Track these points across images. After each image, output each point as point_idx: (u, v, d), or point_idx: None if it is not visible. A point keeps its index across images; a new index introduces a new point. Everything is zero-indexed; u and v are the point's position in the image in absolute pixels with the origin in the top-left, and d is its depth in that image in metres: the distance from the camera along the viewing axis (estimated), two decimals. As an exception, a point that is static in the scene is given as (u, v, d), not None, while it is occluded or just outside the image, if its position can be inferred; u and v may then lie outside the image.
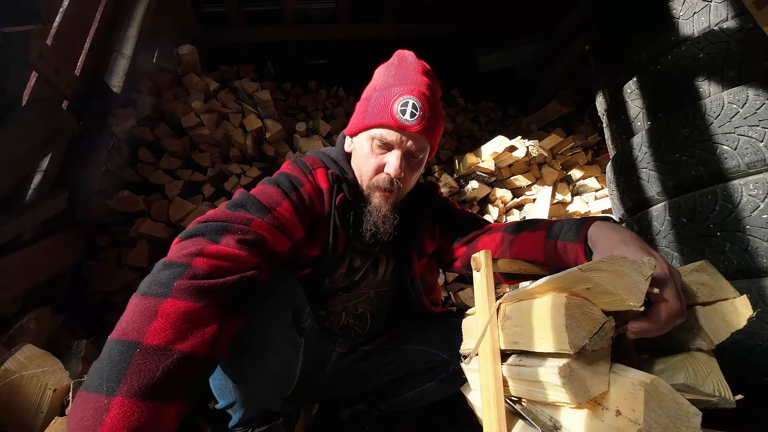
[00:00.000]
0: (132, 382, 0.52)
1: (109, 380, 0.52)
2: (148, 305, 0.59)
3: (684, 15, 1.35)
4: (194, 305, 0.59)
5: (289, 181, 0.89)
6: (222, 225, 0.71)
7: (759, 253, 1.08)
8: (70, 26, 1.71)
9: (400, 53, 0.97)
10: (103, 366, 0.54)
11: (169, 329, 0.56)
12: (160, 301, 0.59)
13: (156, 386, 0.53)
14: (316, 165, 0.95)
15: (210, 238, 0.69)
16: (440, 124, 0.94)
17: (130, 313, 0.59)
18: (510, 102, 3.52)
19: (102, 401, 0.51)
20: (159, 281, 0.61)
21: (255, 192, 0.84)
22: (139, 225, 1.82)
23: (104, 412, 0.50)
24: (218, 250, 0.66)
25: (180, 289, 0.60)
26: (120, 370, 0.53)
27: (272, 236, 0.77)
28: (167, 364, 0.54)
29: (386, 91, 0.90)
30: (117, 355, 0.54)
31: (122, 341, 0.55)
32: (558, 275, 0.56)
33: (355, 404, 1.20)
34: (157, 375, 0.53)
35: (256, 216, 0.77)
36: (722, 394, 0.52)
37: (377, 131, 0.89)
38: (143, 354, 0.54)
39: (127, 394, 0.51)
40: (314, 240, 0.93)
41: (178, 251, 0.66)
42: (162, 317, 0.57)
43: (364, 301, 1.06)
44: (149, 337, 0.55)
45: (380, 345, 1.10)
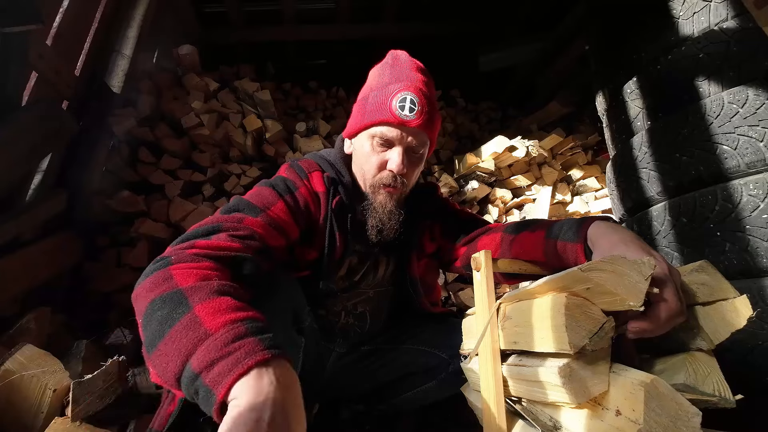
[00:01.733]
0: (198, 294, 0.54)
1: (175, 310, 0.52)
2: (159, 274, 0.59)
3: (684, 15, 1.35)
4: (201, 263, 0.61)
5: (284, 183, 0.89)
6: (213, 227, 0.72)
7: (759, 253, 1.08)
8: (70, 26, 1.71)
9: (393, 53, 0.98)
10: (159, 315, 0.53)
11: (192, 272, 0.58)
12: (168, 267, 0.60)
13: (219, 290, 0.55)
14: (312, 168, 0.96)
15: (201, 238, 0.69)
16: (438, 119, 0.95)
17: (144, 290, 0.59)
18: (510, 102, 3.52)
19: (186, 320, 0.51)
20: (155, 266, 0.62)
21: (249, 195, 0.85)
22: (139, 225, 1.82)
23: (195, 320, 0.50)
24: (208, 243, 0.67)
25: (180, 257, 0.62)
26: (180, 300, 0.53)
27: (265, 232, 0.77)
28: (214, 282, 0.57)
29: (383, 89, 0.90)
30: (164, 301, 0.54)
31: (160, 295, 0.55)
32: (558, 275, 0.56)
33: (355, 405, 1.20)
34: (214, 286, 0.55)
35: (247, 215, 0.78)
36: (722, 394, 0.52)
37: (377, 129, 0.89)
38: (188, 287, 0.55)
39: (201, 300, 0.53)
40: (311, 244, 0.93)
41: (166, 252, 0.68)
42: (179, 270, 0.59)
43: (363, 301, 1.06)
44: (181, 282, 0.56)
45: (380, 345, 1.10)
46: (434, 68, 0.98)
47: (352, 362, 1.10)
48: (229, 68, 2.78)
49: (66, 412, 0.86)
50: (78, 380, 0.85)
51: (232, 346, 0.47)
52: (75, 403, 0.84)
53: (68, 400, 0.85)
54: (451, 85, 3.31)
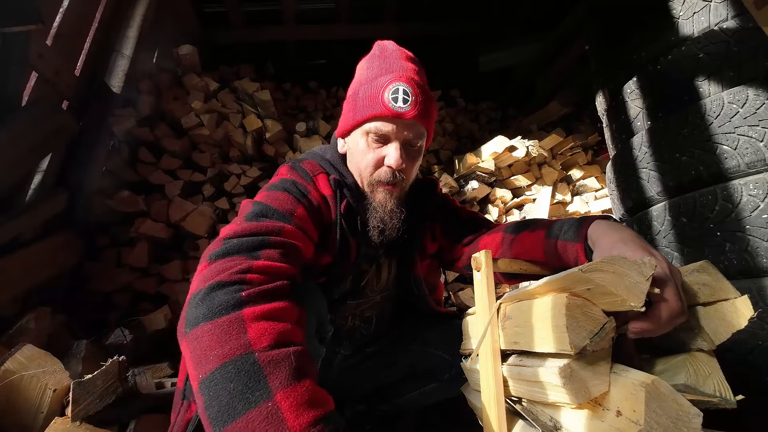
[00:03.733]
0: (278, 377, 0.50)
1: (253, 390, 0.49)
2: (227, 322, 0.54)
3: (684, 15, 1.35)
4: (272, 305, 0.58)
5: (296, 187, 0.85)
6: (257, 240, 0.67)
7: (759, 253, 1.08)
8: (70, 26, 1.71)
9: (380, 44, 0.94)
10: (230, 391, 0.49)
11: (267, 330, 0.54)
12: (239, 314, 0.55)
13: (297, 369, 0.52)
14: (317, 171, 0.92)
15: (250, 255, 0.64)
16: (434, 108, 0.91)
17: (209, 340, 0.54)
18: (510, 102, 3.52)
19: (265, 408, 0.48)
20: (221, 301, 0.56)
21: (267, 200, 0.80)
22: (139, 225, 1.82)
23: (277, 413, 0.48)
24: (265, 265, 0.63)
25: (251, 296, 0.57)
26: (257, 377, 0.50)
27: (302, 242, 0.75)
28: (291, 352, 0.53)
29: (373, 82, 0.87)
30: (240, 371, 0.50)
31: (231, 360, 0.51)
32: (558, 276, 0.56)
33: (356, 405, 1.20)
34: (293, 363, 0.52)
35: (284, 223, 0.74)
36: (723, 395, 0.52)
37: (371, 124, 0.86)
38: (264, 356, 0.51)
39: (282, 386, 0.50)
40: (325, 248, 0.90)
41: (220, 272, 0.60)
42: (252, 323, 0.54)
43: (371, 306, 1.05)
44: (256, 342, 0.52)
45: (383, 346, 1.10)
46: (434, 68, 0.97)
47: (355, 363, 1.10)
48: (229, 68, 2.78)
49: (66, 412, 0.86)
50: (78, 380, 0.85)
51: None
52: (75, 403, 0.84)
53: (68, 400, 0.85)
54: (451, 85, 3.32)
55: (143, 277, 1.83)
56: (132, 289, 1.80)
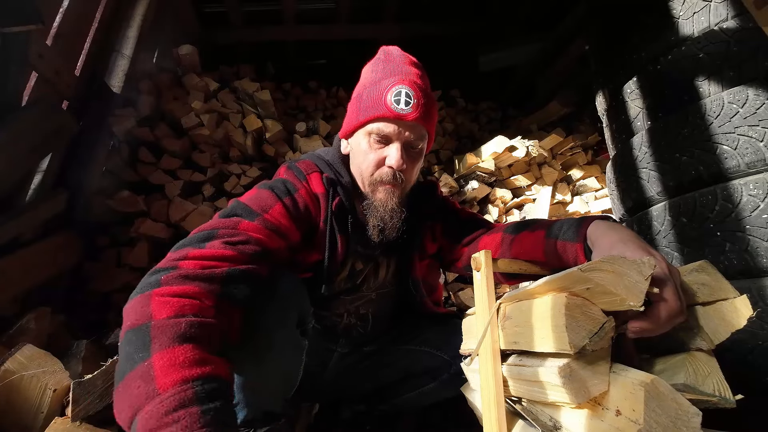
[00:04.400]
0: (161, 340, 0.53)
1: (138, 352, 0.53)
2: (142, 298, 0.60)
3: (684, 15, 1.35)
4: (185, 288, 0.61)
5: (283, 185, 0.88)
6: (208, 233, 0.72)
7: (759, 253, 1.08)
8: (70, 26, 1.71)
9: (385, 49, 0.96)
10: (126, 351, 0.54)
11: (168, 303, 0.58)
12: (152, 292, 0.60)
13: (183, 335, 0.54)
14: (311, 170, 0.94)
15: (195, 246, 0.69)
16: (435, 112, 0.93)
17: (128, 312, 0.60)
18: (510, 102, 3.52)
19: (143, 367, 0.51)
20: (147, 282, 0.62)
21: (246, 198, 0.84)
22: (139, 225, 1.82)
23: (150, 371, 0.51)
24: (202, 253, 0.67)
25: (168, 279, 0.61)
26: (144, 342, 0.53)
27: (263, 235, 0.76)
28: (183, 321, 0.56)
29: (377, 84, 0.88)
30: (134, 336, 0.55)
31: (133, 328, 0.56)
32: (558, 275, 0.56)
33: (356, 405, 1.20)
34: (181, 329, 0.55)
35: (244, 219, 0.77)
36: (722, 394, 0.52)
37: (374, 125, 0.88)
38: (157, 324, 0.55)
39: (161, 347, 0.53)
40: (313, 246, 0.91)
41: (164, 260, 0.67)
42: (158, 298, 0.58)
43: (366, 303, 1.06)
44: (156, 314, 0.56)
45: (382, 345, 1.10)
46: (434, 68, 0.97)
47: (354, 363, 1.10)
48: (229, 68, 2.78)
49: (66, 412, 0.86)
50: (78, 380, 0.85)
51: (172, 416, 0.48)
52: (75, 403, 0.84)
53: (68, 400, 0.85)
54: (451, 85, 3.31)
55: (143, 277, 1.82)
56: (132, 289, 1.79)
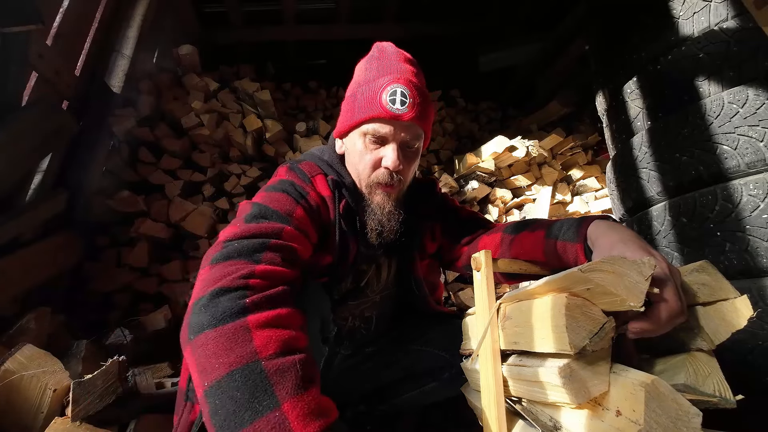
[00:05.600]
0: (285, 386, 0.50)
1: (261, 399, 0.49)
2: (232, 330, 0.54)
3: (684, 15, 1.35)
4: (276, 311, 0.58)
5: (294, 188, 0.86)
6: (258, 242, 0.67)
7: (759, 253, 1.08)
8: (70, 26, 1.71)
9: (379, 45, 0.94)
10: (236, 399, 0.49)
11: (273, 337, 0.54)
12: (244, 321, 0.55)
13: (302, 378, 0.52)
14: (315, 172, 0.92)
15: (251, 259, 0.64)
16: (431, 110, 0.91)
17: (214, 349, 0.53)
18: (510, 102, 3.52)
19: (273, 418, 0.48)
20: (225, 308, 0.56)
21: (266, 201, 0.80)
22: (139, 225, 1.82)
23: (284, 422, 0.48)
24: (266, 269, 0.63)
25: (254, 303, 0.57)
26: (264, 387, 0.50)
27: (300, 244, 0.75)
28: (297, 360, 0.53)
29: (372, 83, 0.87)
30: (246, 380, 0.50)
31: (238, 368, 0.51)
32: (558, 276, 0.56)
33: (356, 405, 1.20)
34: (299, 372, 0.52)
35: (284, 224, 0.74)
36: (722, 395, 0.52)
37: (369, 126, 0.86)
38: (270, 364, 0.51)
39: (289, 396, 0.50)
40: (325, 248, 0.90)
41: (222, 277, 0.60)
42: (257, 330, 0.54)
43: (370, 306, 1.05)
44: (262, 351, 0.52)
45: (383, 346, 1.10)
46: (434, 68, 0.97)
47: (356, 364, 1.10)
48: (229, 68, 2.78)
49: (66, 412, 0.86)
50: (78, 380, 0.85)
51: None
52: (75, 403, 0.84)
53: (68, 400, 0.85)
54: (451, 85, 3.31)
55: (143, 277, 1.83)
56: (132, 289, 1.80)
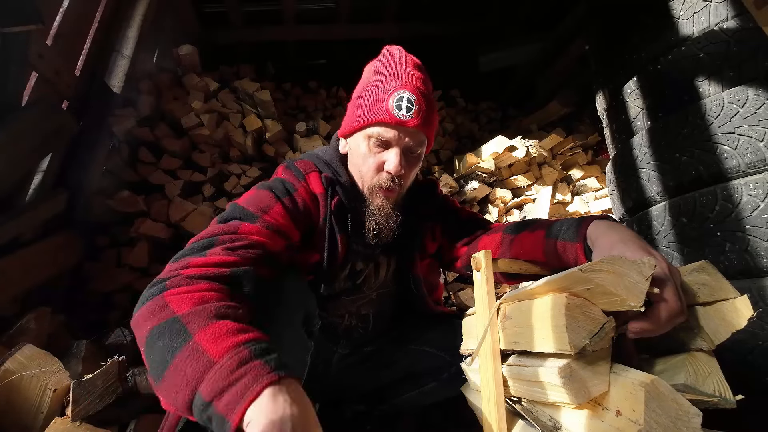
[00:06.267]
0: (196, 322, 0.53)
1: (174, 340, 0.52)
2: (154, 302, 0.58)
3: (684, 15, 1.35)
4: (196, 285, 0.60)
5: (282, 185, 0.88)
6: (207, 240, 0.70)
7: (759, 253, 1.08)
8: (70, 26, 1.71)
9: (388, 49, 0.95)
10: (159, 346, 0.53)
11: (186, 298, 0.57)
12: (162, 294, 0.59)
13: (217, 314, 0.55)
14: (309, 169, 0.93)
15: (196, 254, 0.68)
16: (435, 117, 0.93)
17: (143, 317, 0.58)
18: (510, 102, 3.52)
19: (188, 349, 0.51)
20: (151, 292, 0.61)
21: (245, 200, 0.83)
22: (139, 225, 1.82)
23: (198, 348, 0.51)
24: (204, 260, 0.66)
25: (174, 282, 0.61)
26: (179, 329, 0.53)
27: (264, 237, 0.75)
28: (210, 306, 0.56)
29: (379, 87, 0.88)
30: (164, 330, 0.54)
31: (158, 325, 0.55)
32: (558, 276, 0.56)
33: (356, 405, 1.20)
34: (212, 310, 0.55)
35: (244, 222, 0.76)
36: (722, 395, 0.52)
37: (374, 129, 0.87)
38: (186, 314, 0.55)
39: (200, 327, 0.53)
40: (313, 246, 0.91)
41: (164, 272, 0.65)
42: (173, 296, 0.58)
43: (367, 303, 1.05)
44: (178, 309, 0.56)
45: (382, 346, 1.10)
46: (434, 68, 0.97)
47: (354, 363, 1.10)
48: (229, 68, 2.78)
49: (66, 412, 0.86)
50: (78, 380, 0.85)
51: (238, 372, 0.48)
52: (75, 403, 0.84)
53: (68, 400, 0.85)
54: (451, 85, 3.31)
55: (143, 277, 1.82)
56: (132, 289, 1.80)
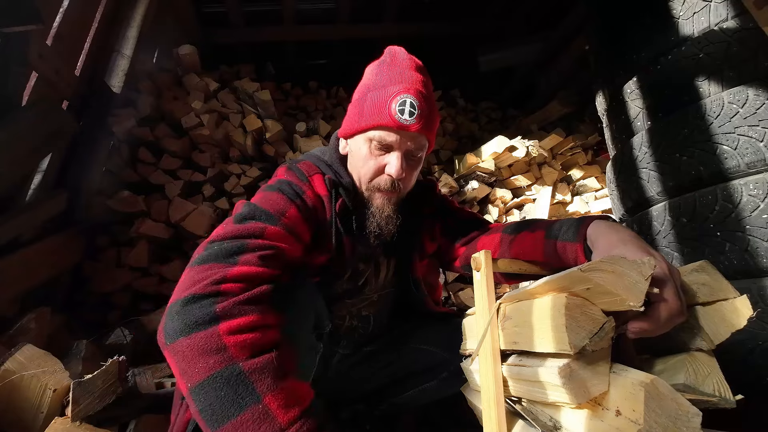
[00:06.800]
0: (264, 381, 0.55)
1: (243, 397, 0.54)
2: (205, 338, 0.57)
3: (684, 15, 1.35)
4: (249, 318, 0.60)
5: (291, 188, 0.87)
6: (236, 244, 0.68)
7: (759, 253, 1.08)
8: (70, 26, 1.71)
9: (391, 50, 0.95)
10: (220, 398, 0.54)
11: (246, 341, 0.57)
12: (215, 329, 0.57)
13: (279, 373, 0.57)
14: (313, 171, 0.93)
15: (228, 261, 0.65)
16: (436, 119, 0.92)
17: (191, 354, 0.57)
18: (510, 102, 3.53)
19: (257, 410, 0.53)
20: (196, 317, 0.58)
21: (259, 201, 0.81)
22: (139, 225, 1.82)
23: (267, 413, 0.53)
24: (241, 272, 0.64)
25: (225, 310, 0.59)
26: (245, 385, 0.55)
27: (287, 243, 0.75)
28: (272, 357, 0.58)
29: (381, 90, 0.87)
30: (227, 382, 0.55)
31: (217, 371, 0.55)
32: (558, 275, 0.56)
33: (355, 404, 1.20)
34: (275, 367, 0.57)
35: (267, 224, 0.75)
36: (722, 394, 0.52)
37: (375, 132, 0.87)
38: (248, 365, 0.56)
39: (269, 390, 0.55)
40: (319, 249, 0.91)
41: (195, 282, 0.62)
42: (228, 337, 0.57)
43: (368, 305, 1.05)
44: (238, 355, 0.56)
45: (382, 345, 1.10)
46: (434, 68, 0.97)
47: (354, 363, 1.10)
48: (229, 68, 2.78)
49: (66, 412, 0.86)
50: (78, 380, 0.85)
51: None
52: (75, 403, 0.84)
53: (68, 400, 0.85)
54: (451, 85, 3.32)
55: (143, 277, 1.83)
56: (132, 289, 1.80)
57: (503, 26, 3.33)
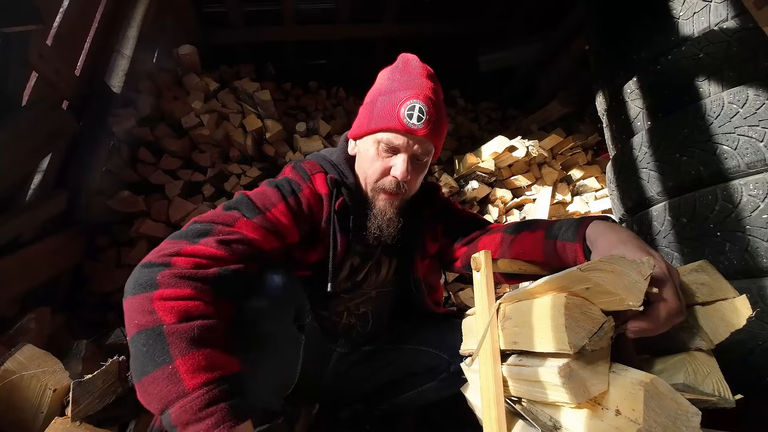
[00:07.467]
0: (179, 345, 0.59)
1: (159, 355, 0.59)
2: (143, 300, 0.63)
3: (684, 15, 1.35)
4: (182, 291, 0.64)
5: (289, 185, 0.90)
6: (205, 227, 0.74)
7: (759, 253, 1.08)
8: (70, 26, 1.71)
9: (404, 57, 0.98)
10: (143, 352, 0.60)
11: (173, 308, 0.62)
12: (152, 295, 0.63)
13: (197, 340, 0.60)
14: (315, 170, 0.96)
15: (190, 240, 0.71)
16: (444, 127, 0.95)
17: (132, 311, 0.63)
18: (510, 102, 3.52)
19: (167, 370, 0.58)
20: (143, 280, 0.65)
21: (252, 193, 0.85)
22: (139, 225, 1.82)
23: (176, 374, 0.57)
24: (195, 250, 0.69)
25: (164, 279, 0.64)
26: (162, 346, 0.59)
27: (258, 235, 0.78)
28: (194, 325, 0.61)
29: (392, 95, 0.90)
30: (149, 339, 0.60)
31: (145, 329, 0.61)
32: (557, 275, 0.56)
33: (355, 404, 1.20)
34: (194, 333, 0.60)
35: (244, 216, 0.78)
36: (722, 394, 0.52)
37: (384, 135, 0.90)
38: (170, 330, 0.60)
39: (181, 354, 0.59)
40: (314, 246, 0.93)
41: (157, 252, 0.69)
42: (160, 302, 0.62)
43: (365, 302, 1.06)
44: (164, 318, 0.61)
45: (381, 345, 1.10)
46: (434, 68, 0.98)
47: (354, 362, 1.10)
48: (229, 68, 2.78)
49: (66, 412, 0.86)
50: (78, 380, 0.85)
51: (204, 412, 0.56)
52: (75, 403, 0.84)
53: (68, 400, 0.85)
54: (451, 85, 3.31)
55: (143, 277, 1.82)
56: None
57: (503, 26, 3.33)
